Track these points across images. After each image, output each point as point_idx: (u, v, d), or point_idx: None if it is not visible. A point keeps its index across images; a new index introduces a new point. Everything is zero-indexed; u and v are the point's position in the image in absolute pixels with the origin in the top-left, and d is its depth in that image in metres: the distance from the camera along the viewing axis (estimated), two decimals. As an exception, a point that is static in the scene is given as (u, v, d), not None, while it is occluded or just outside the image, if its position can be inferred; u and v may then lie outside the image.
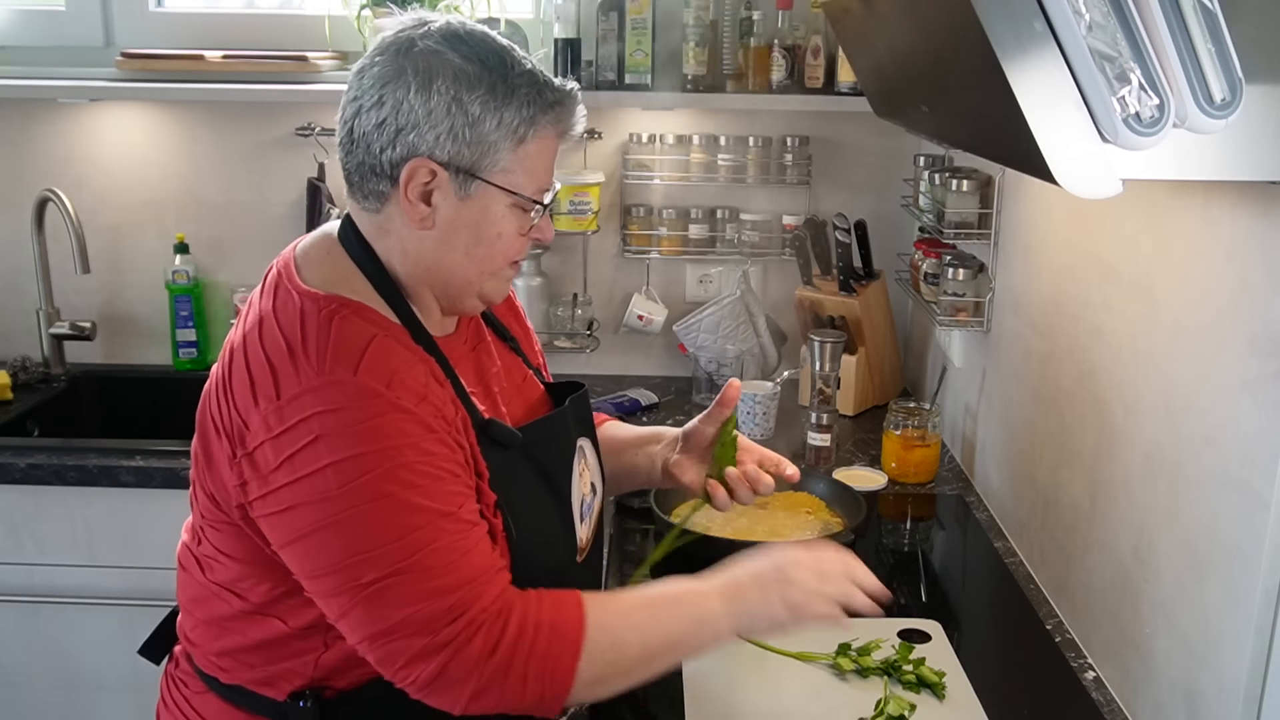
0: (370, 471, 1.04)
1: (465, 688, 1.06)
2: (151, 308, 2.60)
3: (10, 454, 2.07)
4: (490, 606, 1.07)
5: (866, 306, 2.33)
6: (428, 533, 1.06)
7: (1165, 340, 1.28)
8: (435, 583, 1.05)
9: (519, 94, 1.11)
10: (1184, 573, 1.23)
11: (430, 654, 1.05)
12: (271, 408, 1.06)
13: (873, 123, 1.93)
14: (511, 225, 1.16)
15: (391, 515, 1.05)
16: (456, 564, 1.07)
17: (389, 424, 1.06)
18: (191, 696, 1.26)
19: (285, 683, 1.19)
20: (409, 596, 1.05)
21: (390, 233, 1.16)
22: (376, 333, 1.10)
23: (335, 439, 1.04)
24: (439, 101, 1.09)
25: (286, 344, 1.08)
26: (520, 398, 1.32)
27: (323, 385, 1.05)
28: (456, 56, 1.09)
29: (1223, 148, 0.89)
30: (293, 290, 1.13)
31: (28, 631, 2.14)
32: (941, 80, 1.18)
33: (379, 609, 1.05)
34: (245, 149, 2.54)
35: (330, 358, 1.06)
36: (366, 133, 1.12)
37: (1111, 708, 1.39)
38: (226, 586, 1.19)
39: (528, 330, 1.44)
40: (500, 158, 1.12)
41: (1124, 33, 0.80)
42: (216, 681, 1.23)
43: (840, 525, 1.77)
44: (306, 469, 1.04)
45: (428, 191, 1.12)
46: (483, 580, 1.08)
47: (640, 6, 2.31)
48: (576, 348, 2.55)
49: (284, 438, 1.05)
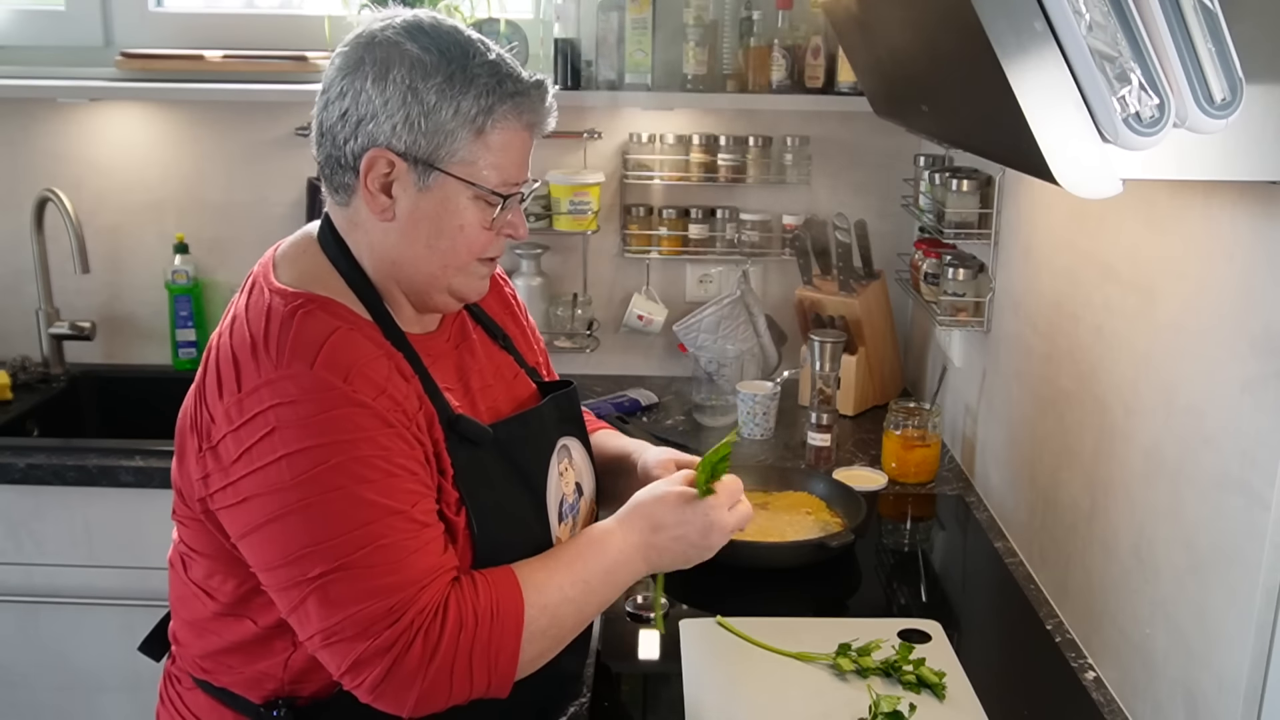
0: (322, 464, 1.04)
1: (410, 692, 1.06)
2: (151, 308, 2.60)
3: (10, 454, 2.07)
4: (428, 606, 1.06)
5: (866, 306, 2.33)
6: (376, 529, 1.05)
7: (1165, 340, 1.28)
8: (379, 581, 1.05)
9: (477, 83, 1.10)
10: (1184, 573, 1.23)
11: (374, 659, 1.05)
12: (233, 400, 1.07)
13: (873, 123, 1.93)
14: (474, 217, 1.15)
15: (341, 508, 1.05)
16: (402, 563, 1.06)
17: (344, 417, 1.06)
18: (184, 693, 1.27)
19: (259, 687, 1.19)
20: (352, 594, 1.04)
21: (358, 226, 1.16)
22: (339, 326, 1.10)
23: (290, 431, 1.04)
24: (394, 91, 1.09)
25: (250, 339, 1.09)
26: (509, 395, 1.31)
27: (280, 378, 1.06)
28: (415, 47, 1.10)
29: (1223, 148, 0.89)
30: (265, 288, 1.14)
31: (28, 631, 2.14)
32: (941, 80, 1.18)
33: (325, 606, 1.05)
34: (245, 149, 2.54)
35: (289, 351, 1.07)
36: (331, 125, 1.13)
37: (1111, 708, 1.39)
38: (200, 585, 1.20)
39: (525, 329, 1.43)
40: (459, 148, 1.11)
41: (1124, 32, 0.80)
42: (207, 683, 1.23)
43: (840, 525, 1.77)
44: (262, 460, 1.05)
45: (388, 182, 1.12)
46: (427, 582, 1.07)
47: (640, 6, 2.31)
48: (576, 348, 2.55)
49: (243, 430, 1.06)
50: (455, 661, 1.06)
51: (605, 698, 1.40)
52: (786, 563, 1.69)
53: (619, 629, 1.55)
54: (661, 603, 1.34)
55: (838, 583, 1.71)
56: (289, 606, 1.08)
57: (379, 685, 1.05)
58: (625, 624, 1.56)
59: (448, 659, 1.06)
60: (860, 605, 1.65)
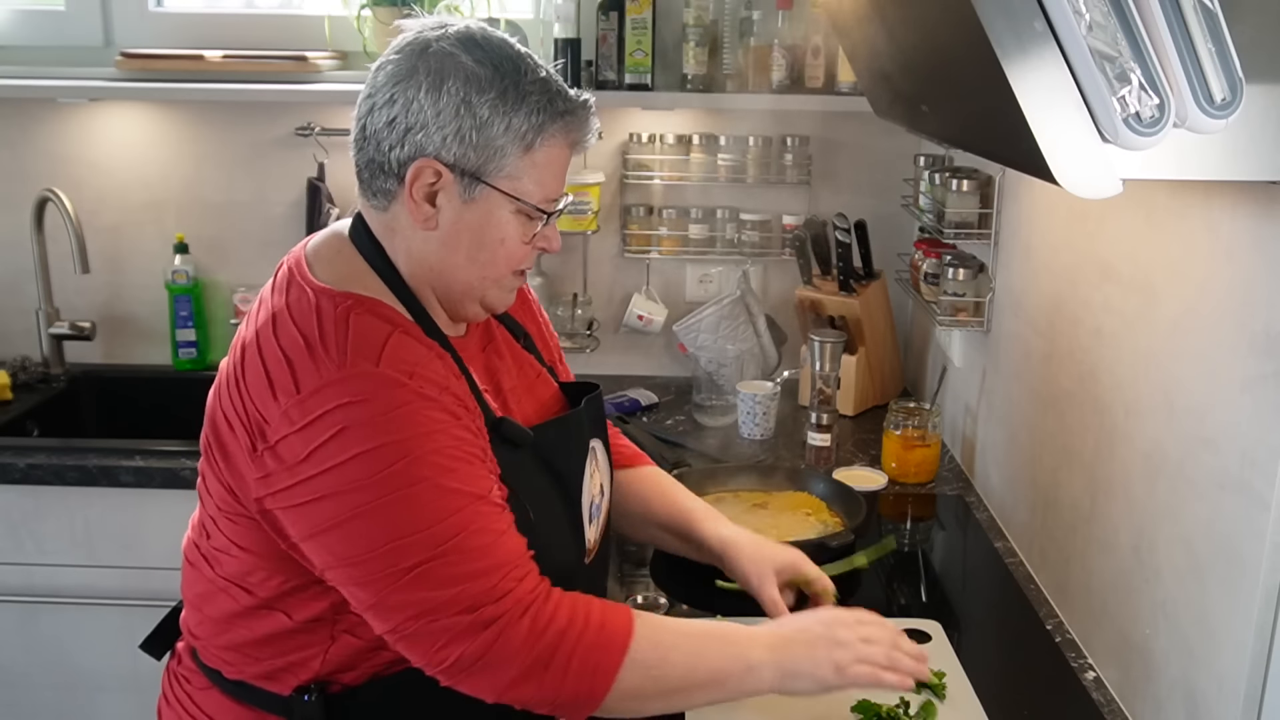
0: (403, 458, 1.05)
1: (508, 670, 1.06)
2: (151, 308, 2.60)
3: (10, 454, 2.07)
4: (536, 589, 1.08)
5: (866, 306, 2.33)
6: (465, 515, 1.07)
7: (1165, 340, 1.28)
8: (477, 564, 1.06)
9: (529, 100, 1.11)
10: (1184, 573, 1.23)
11: (475, 631, 1.05)
12: (292, 402, 1.06)
13: (873, 123, 1.93)
14: (515, 231, 1.16)
15: (429, 499, 1.06)
16: (495, 545, 1.08)
17: (416, 412, 1.07)
18: (194, 693, 1.26)
19: (291, 677, 1.19)
20: (452, 578, 1.05)
21: (397, 231, 1.17)
22: (394, 328, 1.11)
23: (363, 429, 1.05)
24: (448, 102, 1.09)
25: (304, 339, 1.08)
26: (532, 396, 1.32)
27: (346, 378, 1.06)
28: (470, 59, 1.10)
29: (1223, 148, 0.89)
30: (306, 287, 1.13)
31: (28, 631, 2.14)
32: (941, 80, 1.18)
33: (421, 591, 1.05)
34: (245, 149, 2.53)
35: (351, 351, 1.07)
36: (377, 130, 1.13)
37: (1111, 708, 1.39)
38: (235, 581, 1.19)
39: (541, 326, 1.44)
40: (507, 163, 1.12)
41: (1124, 32, 0.80)
42: (220, 676, 1.23)
43: (840, 525, 1.77)
44: (336, 459, 1.05)
45: (433, 192, 1.12)
46: (522, 563, 1.10)
47: (640, 6, 2.31)
48: (576, 348, 2.55)
49: (308, 430, 1.05)
50: (557, 652, 1.07)
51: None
52: (786, 563, 1.68)
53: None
54: None
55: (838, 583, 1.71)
56: (373, 598, 1.07)
57: (477, 660, 1.06)
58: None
59: (551, 646, 1.07)
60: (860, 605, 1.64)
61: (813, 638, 1.19)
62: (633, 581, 1.67)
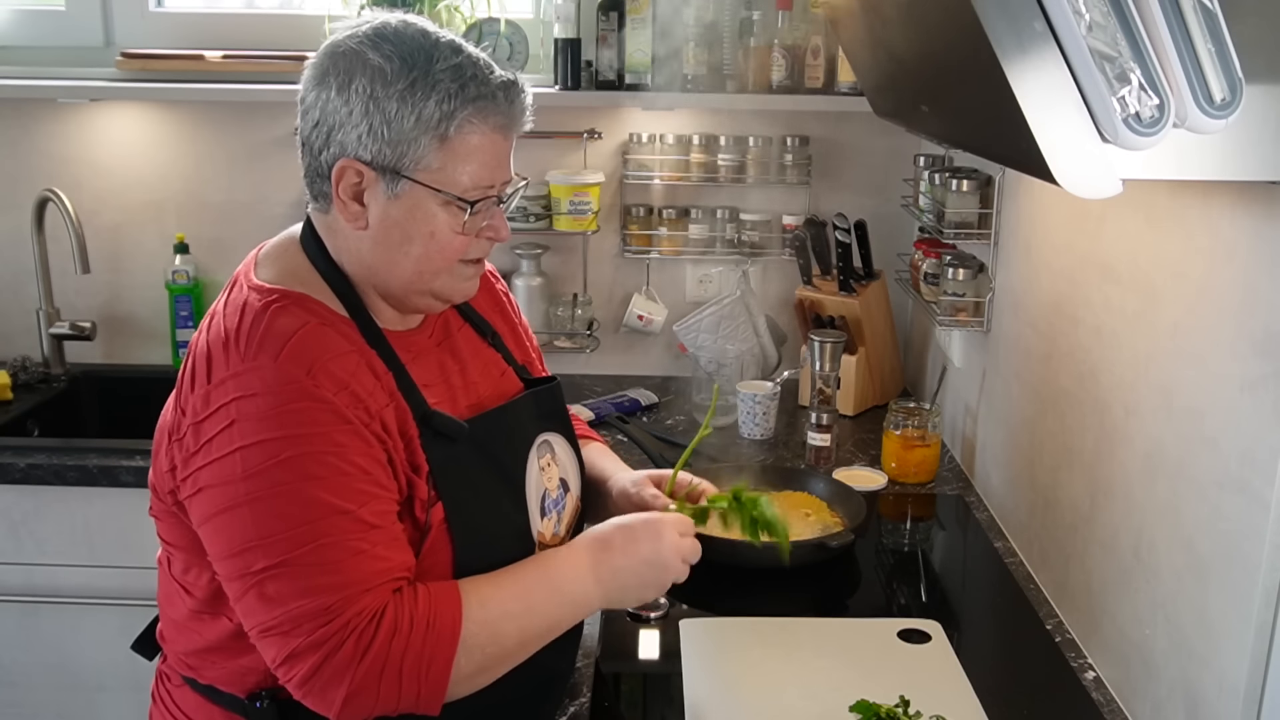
0: (275, 458, 1.05)
1: (337, 692, 1.05)
2: (151, 308, 2.60)
3: (10, 454, 2.07)
4: (366, 609, 1.06)
5: (866, 306, 2.34)
6: (320, 527, 1.05)
7: (1165, 340, 1.28)
8: (320, 579, 1.05)
9: (439, 89, 1.09)
10: (1184, 573, 1.23)
11: (304, 654, 1.05)
12: (201, 392, 1.08)
13: (873, 123, 1.93)
14: (445, 223, 1.14)
15: (287, 505, 1.05)
16: (344, 563, 1.06)
17: (301, 411, 1.06)
18: (173, 690, 1.28)
19: (242, 682, 1.19)
20: (291, 591, 1.05)
21: (336, 232, 1.18)
22: (310, 320, 1.11)
23: (247, 423, 1.05)
24: (357, 101, 1.09)
25: (224, 333, 1.10)
26: (495, 392, 1.31)
27: (245, 371, 1.07)
28: (377, 55, 1.10)
29: (1223, 148, 0.89)
30: (245, 285, 1.15)
31: (28, 631, 2.14)
32: (941, 80, 1.18)
33: (264, 600, 1.05)
34: (245, 149, 2.54)
35: (256, 345, 1.08)
36: (307, 135, 1.14)
37: (1111, 708, 1.39)
38: (179, 581, 1.21)
39: (516, 326, 1.43)
40: (423, 155, 1.11)
41: (1124, 33, 0.80)
42: (193, 680, 1.24)
43: (840, 525, 1.77)
44: (220, 451, 1.06)
45: (358, 191, 1.13)
46: (368, 585, 1.06)
47: (640, 6, 2.31)
48: (576, 348, 2.55)
49: (206, 421, 1.07)
50: (386, 666, 1.05)
51: (605, 698, 1.40)
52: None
53: (619, 629, 1.55)
54: None
55: (838, 583, 1.71)
56: (235, 597, 1.08)
57: (307, 681, 1.05)
58: (625, 624, 1.56)
59: (377, 662, 1.05)
60: (860, 605, 1.65)
61: (639, 562, 1.21)
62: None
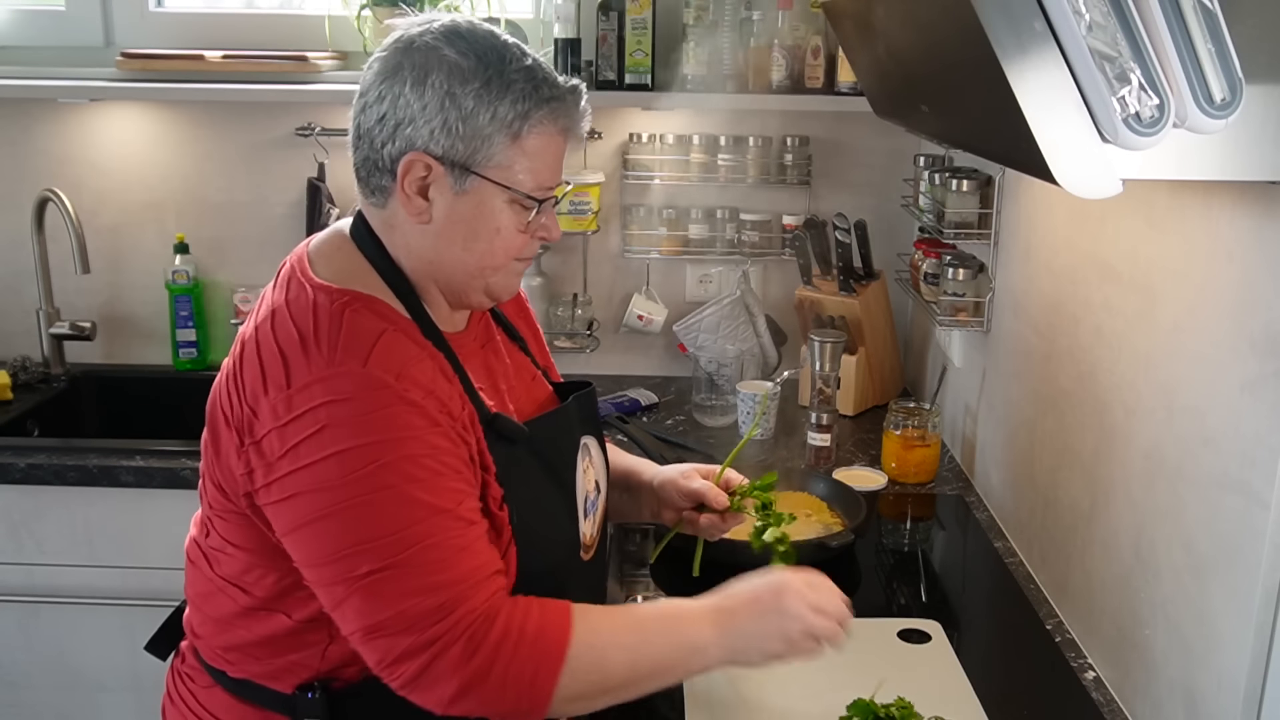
0: (373, 462, 1.05)
1: (446, 688, 1.06)
2: (151, 308, 2.60)
3: (10, 454, 2.07)
4: (478, 608, 1.07)
5: (866, 306, 2.34)
6: (425, 527, 1.06)
7: (1165, 340, 1.28)
8: (429, 579, 1.06)
9: (514, 89, 1.11)
10: (1184, 573, 1.23)
11: (416, 652, 1.05)
12: (281, 396, 1.07)
13: (873, 123, 1.93)
14: (509, 221, 1.16)
15: (391, 507, 1.05)
16: (451, 561, 1.07)
17: (395, 416, 1.07)
18: (198, 691, 1.27)
19: (292, 675, 1.19)
20: (401, 591, 1.05)
21: (395, 227, 1.17)
22: (387, 327, 1.11)
23: (341, 428, 1.05)
24: (433, 96, 1.10)
25: (299, 334, 1.09)
26: (528, 396, 1.32)
27: (332, 375, 1.06)
28: (453, 52, 1.11)
29: (1223, 148, 0.89)
30: (305, 283, 1.14)
31: (28, 631, 2.14)
32: (941, 80, 1.18)
33: (372, 602, 1.05)
34: (245, 149, 2.54)
35: (341, 349, 1.07)
36: (369, 128, 1.14)
37: (1111, 708, 1.39)
38: (233, 581, 1.19)
39: (537, 332, 1.45)
40: (495, 152, 1.12)
41: (1124, 33, 0.80)
42: (224, 675, 1.23)
43: (840, 525, 1.77)
44: (312, 457, 1.05)
45: (424, 186, 1.13)
46: (475, 580, 1.08)
47: (640, 6, 2.31)
48: (576, 348, 2.55)
49: (291, 426, 1.06)
50: (492, 670, 1.06)
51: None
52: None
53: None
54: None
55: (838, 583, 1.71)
56: (334, 602, 1.08)
57: (417, 679, 1.06)
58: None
59: (485, 665, 1.06)
60: (860, 605, 1.64)
61: (761, 610, 1.18)
62: (633, 581, 1.68)
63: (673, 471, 1.44)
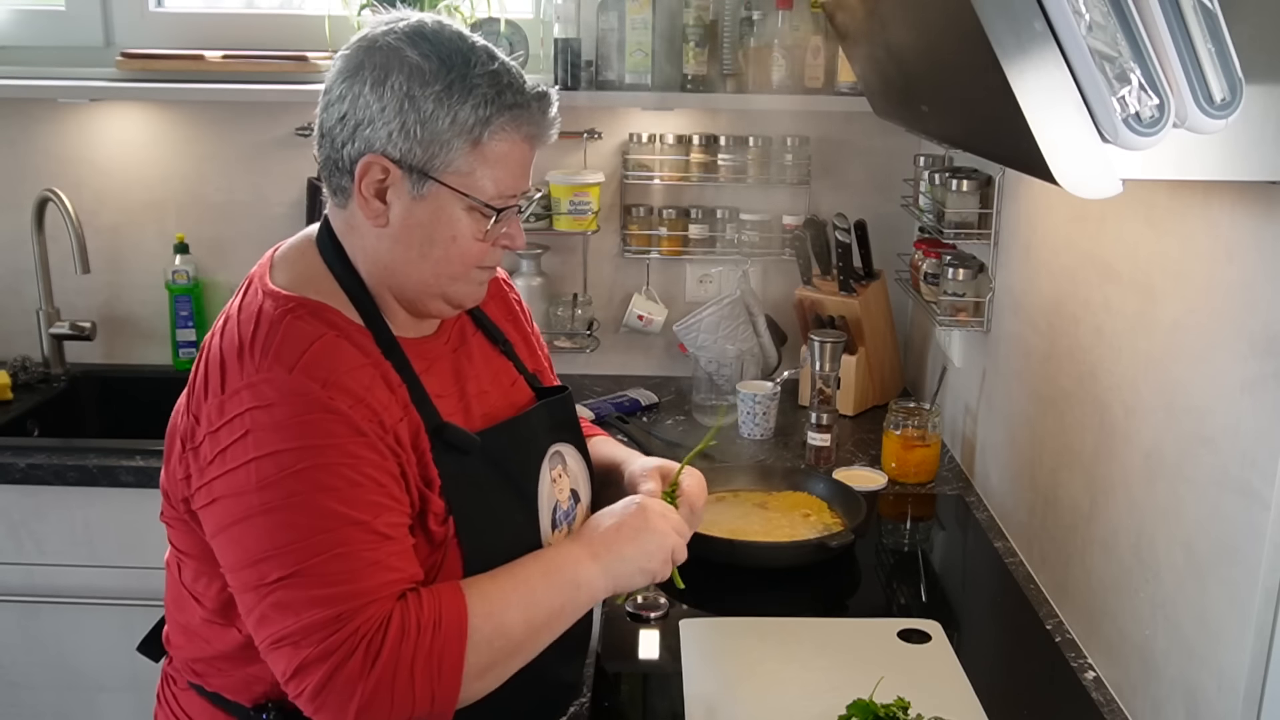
0: (289, 469, 1.04)
1: (350, 702, 1.03)
2: (151, 308, 2.60)
3: (10, 454, 2.07)
4: (375, 617, 1.04)
5: (866, 306, 2.34)
6: (333, 537, 1.04)
7: (1165, 340, 1.28)
8: (330, 590, 1.03)
9: (476, 93, 1.09)
10: (1184, 573, 1.23)
11: (314, 665, 1.03)
12: (215, 402, 1.07)
13: (873, 123, 1.93)
14: (467, 228, 1.14)
15: (302, 516, 1.04)
16: (358, 573, 1.04)
17: (315, 423, 1.05)
18: (179, 694, 1.28)
19: (249, 691, 1.19)
20: (303, 601, 1.03)
21: (354, 229, 1.16)
22: (325, 332, 1.10)
23: (262, 434, 1.04)
24: (392, 97, 1.08)
25: (239, 341, 1.09)
26: (507, 402, 1.30)
27: (259, 381, 1.06)
28: (415, 53, 1.09)
29: (1223, 148, 0.89)
30: (259, 290, 1.14)
31: (28, 631, 2.14)
32: (941, 80, 1.18)
33: (279, 610, 1.04)
34: (245, 149, 2.54)
35: (271, 355, 1.07)
36: (330, 126, 1.13)
37: (1111, 708, 1.39)
38: (189, 589, 1.20)
39: (528, 335, 1.42)
40: (454, 158, 1.10)
41: (1124, 33, 0.80)
42: (200, 687, 1.24)
43: (840, 525, 1.77)
44: (234, 462, 1.05)
45: (382, 188, 1.12)
46: (382, 596, 1.05)
47: (640, 6, 2.31)
48: (576, 348, 2.55)
49: (221, 431, 1.06)
50: (396, 671, 1.04)
51: (605, 698, 1.40)
52: (786, 563, 1.69)
53: (619, 629, 1.55)
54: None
55: (838, 583, 1.71)
56: (246, 609, 1.07)
57: (318, 695, 1.03)
58: (625, 624, 1.56)
59: (388, 669, 1.03)
60: (860, 605, 1.65)
61: (633, 532, 1.20)
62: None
63: (636, 467, 1.40)
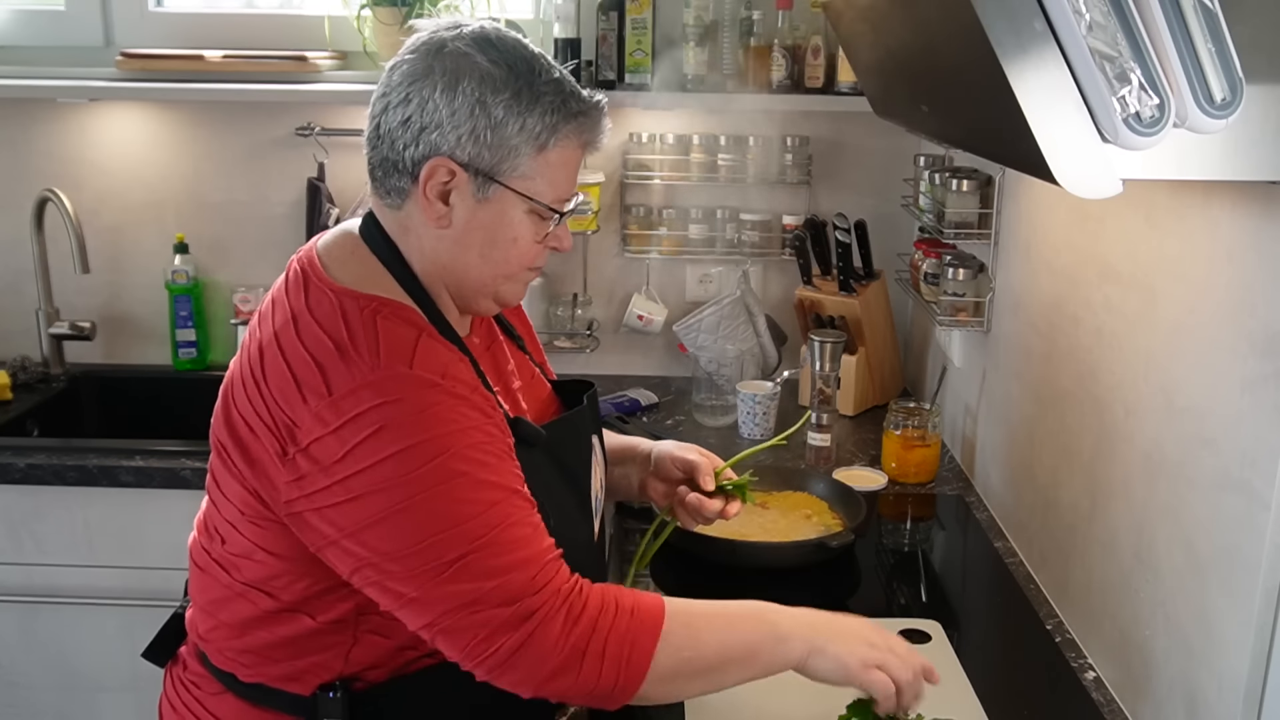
0: (441, 454, 1.06)
1: (547, 662, 1.06)
2: (151, 308, 2.60)
3: (10, 454, 2.07)
4: (569, 581, 1.09)
5: (866, 306, 2.33)
6: (503, 509, 1.08)
7: (1165, 340, 1.28)
8: (516, 555, 1.07)
9: (543, 101, 1.12)
10: (1184, 573, 1.23)
11: (515, 623, 1.06)
12: (324, 404, 1.07)
13: (873, 123, 1.93)
14: (527, 231, 1.17)
15: (468, 493, 1.07)
16: (531, 538, 1.10)
17: (450, 409, 1.08)
18: (205, 698, 1.25)
19: (313, 676, 1.18)
20: (492, 569, 1.06)
21: (410, 230, 1.17)
22: (420, 332, 1.12)
23: (400, 427, 1.06)
24: (463, 102, 1.10)
25: (332, 341, 1.09)
26: (530, 395, 1.33)
27: (380, 379, 1.07)
28: (485, 60, 1.11)
29: (1223, 148, 0.89)
30: (326, 289, 1.13)
31: (28, 631, 2.14)
32: (941, 80, 1.18)
33: (462, 584, 1.06)
34: (245, 149, 2.54)
35: (384, 353, 1.08)
36: (391, 129, 1.13)
37: (1111, 708, 1.39)
38: (257, 585, 1.18)
39: (530, 328, 1.47)
40: (520, 163, 1.13)
41: (1124, 32, 0.80)
42: (234, 679, 1.21)
43: (840, 525, 1.77)
44: (374, 457, 1.05)
45: (446, 191, 1.13)
46: (554, 557, 1.11)
47: (640, 6, 2.31)
48: (576, 348, 2.55)
49: (344, 430, 1.06)
50: (590, 642, 1.07)
51: (605, 698, 1.40)
52: (786, 563, 1.69)
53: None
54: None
55: (838, 583, 1.71)
56: (414, 593, 1.07)
57: (515, 653, 1.06)
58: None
59: (584, 636, 1.07)
60: (860, 605, 1.65)
61: (846, 627, 1.20)
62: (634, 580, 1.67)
63: (669, 444, 1.47)
